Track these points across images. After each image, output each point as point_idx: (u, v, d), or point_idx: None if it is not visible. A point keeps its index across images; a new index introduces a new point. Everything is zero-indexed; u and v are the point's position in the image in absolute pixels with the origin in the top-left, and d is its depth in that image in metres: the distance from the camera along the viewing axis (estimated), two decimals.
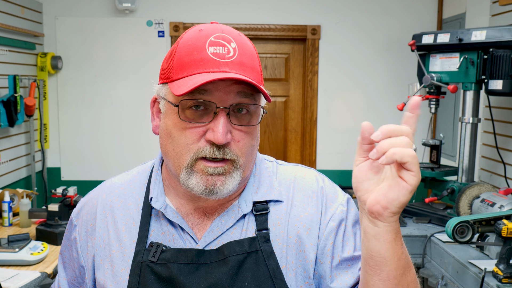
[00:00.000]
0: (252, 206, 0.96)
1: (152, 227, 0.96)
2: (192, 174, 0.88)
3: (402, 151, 0.70)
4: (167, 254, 0.91)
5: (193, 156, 0.87)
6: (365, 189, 0.76)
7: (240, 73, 0.86)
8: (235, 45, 0.88)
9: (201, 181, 0.87)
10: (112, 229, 0.98)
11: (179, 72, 0.88)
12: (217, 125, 0.85)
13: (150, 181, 1.00)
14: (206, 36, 0.88)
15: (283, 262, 0.93)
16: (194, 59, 0.86)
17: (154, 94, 0.98)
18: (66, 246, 1.05)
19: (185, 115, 0.87)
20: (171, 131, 0.89)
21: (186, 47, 0.88)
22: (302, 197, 0.98)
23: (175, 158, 0.89)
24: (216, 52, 0.86)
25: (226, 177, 0.88)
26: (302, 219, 0.96)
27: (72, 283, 1.04)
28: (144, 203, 0.98)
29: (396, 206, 0.73)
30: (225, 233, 0.94)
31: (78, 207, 1.06)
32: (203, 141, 0.87)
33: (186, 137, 0.87)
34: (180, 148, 0.88)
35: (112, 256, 0.96)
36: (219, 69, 0.85)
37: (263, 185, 0.99)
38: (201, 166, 0.87)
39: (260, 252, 0.92)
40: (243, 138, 0.89)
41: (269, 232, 0.94)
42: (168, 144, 0.91)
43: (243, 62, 0.88)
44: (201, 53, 0.86)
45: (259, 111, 0.91)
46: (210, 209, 0.96)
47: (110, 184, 1.05)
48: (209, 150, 0.86)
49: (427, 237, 2.65)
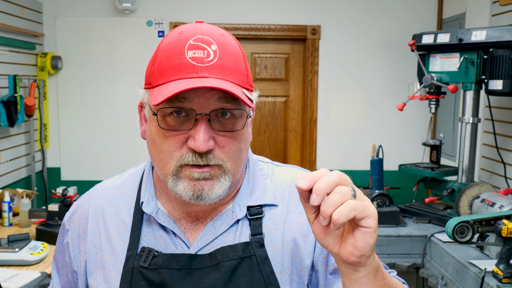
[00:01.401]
0: (246, 211, 0.94)
1: (144, 232, 0.94)
2: (179, 180, 0.86)
3: (345, 211, 0.67)
4: (158, 260, 0.89)
5: (176, 163, 0.85)
6: (331, 243, 0.73)
7: (221, 77, 0.83)
8: (216, 47, 0.84)
9: (188, 186, 0.85)
10: (104, 233, 0.96)
11: (159, 78, 0.85)
12: (197, 132, 0.83)
13: (141, 185, 0.98)
14: (186, 39, 0.84)
15: (278, 268, 0.91)
16: (172, 65, 0.84)
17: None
18: (59, 250, 1.04)
19: (166, 122, 0.85)
20: (154, 138, 0.87)
21: (165, 51, 0.85)
22: (298, 201, 0.95)
23: (161, 165, 0.88)
24: (195, 56, 0.83)
25: (213, 181, 0.86)
26: (298, 225, 0.94)
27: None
28: (136, 207, 0.96)
29: (370, 250, 0.72)
30: (218, 237, 0.92)
31: (71, 211, 1.04)
32: (186, 148, 0.85)
33: (169, 145, 0.85)
34: (164, 156, 0.86)
35: (104, 261, 0.94)
36: (198, 75, 0.82)
37: (257, 188, 0.97)
38: (187, 172, 0.85)
39: (254, 257, 0.90)
40: (229, 143, 0.86)
41: (264, 237, 0.92)
42: (154, 150, 0.89)
43: (224, 65, 0.84)
44: (180, 58, 0.83)
45: (245, 114, 0.88)
46: (203, 213, 0.94)
47: (102, 187, 1.03)
48: (191, 158, 0.84)
49: (427, 237, 2.65)
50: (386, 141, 3.86)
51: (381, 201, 2.98)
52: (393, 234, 2.71)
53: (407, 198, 3.68)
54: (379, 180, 3.11)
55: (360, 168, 3.91)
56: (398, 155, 3.89)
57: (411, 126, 3.96)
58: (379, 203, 2.96)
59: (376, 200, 2.97)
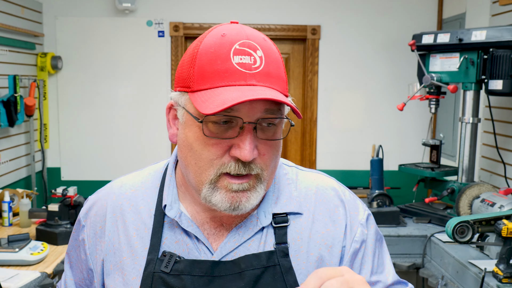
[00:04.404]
0: (271, 218, 0.91)
1: (165, 235, 0.91)
2: (216, 190, 0.83)
3: None
4: (180, 265, 0.87)
5: (216, 171, 0.82)
6: None
7: (268, 84, 0.81)
8: (261, 53, 0.82)
9: (225, 198, 0.83)
10: (123, 234, 0.94)
11: (201, 82, 0.81)
12: (244, 141, 0.80)
13: (164, 186, 0.95)
14: (231, 43, 0.81)
15: (302, 279, 0.89)
16: (217, 70, 0.80)
17: (171, 100, 0.91)
18: (73, 246, 1.02)
19: (208, 129, 0.81)
20: (192, 144, 0.84)
21: (208, 54, 0.81)
22: (324, 211, 0.94)
23: (196, 173, 0.84)
24: (242, 62, 0.80)
25: (250, 192, 0.84)
26: (324, 236, 0.93)
27: (80, 284, 1.01)
28: (157, 208, 0.93)
29: None
30: (242, 245, 0.90)
31: (86, 207, 1.01)
32: (227, 156, 0.82)
33: (210, 152, 0.82)
34: (202, 163, 0.83)
35: (123, 263, 0.92)
36: (246, 82, 0.80)
37: (282, 194, 0.94)
38: (225, 182, 0.83)
39: (278, 267, 0.88)
40: (268, 151, 0.84)
41: (288, 247, 0.90)
42: (189, 157, 0.85)
43: (269, 73, 0.82)
44: (226, 63, 0.80)
45: (283, 122, 0.86)
46: (227, 219, 0.92)
47: (120, 184, 1.00)
48: (234, 166, 0.82)
49: (427, 237, 2.65)
50: (386, 141, 3.86)
51: (381, 201, 2.97)
52: (393, 234, 2.71)
53: (407, 198, 3.68)
54: (379, 180, 3.11)
55: (360, 168, 3.91)
56: (398, 155, 3.88)
57: (411, 126, 3.96)
58: (379, 203, 2.96)
59: (376, 200, 2.97)
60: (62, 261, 2.37)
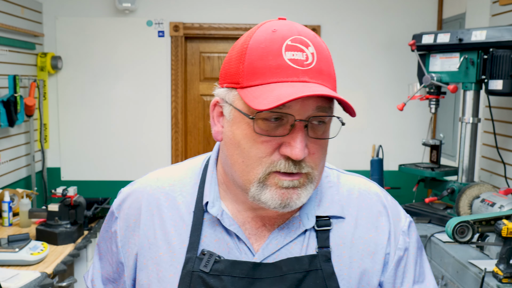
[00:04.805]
0: (315, 221, 0.89)
1: (205, 233, 0.89)
2: (265, 188, 0.81)
3: None
4: (221, 265, 0.85)
5: (265, 170, 0.80)
6: None
7: (320, 82, 0.80)
8: (313, 50, 0.81)
9: (276, 195, 0.81)
10: (160, 229, 0.91)
11: (251, 78, 0.79)
12: (295, 139, 0.78)
13: (204, 182, 0.93)
14: (282, 39, 0.80)
15: (344, 285, 0.87)
16: (269, 65, 0.78)
17: (216, 97, 0.88)
18: (104, 237, 0.99)
19: (258, 126, 0.79)
20: (240, 142, 0.82)
21: (258, 50, 0.80)
22: (367, 216, 0.93)
23: (244, 171, 0.82)
24: (294, 58, 0.79)
25: (301, 190, 0.82)
26: (367, 242, 0.91)
27: (106, 277, 0.99)
28: (196, 205, 0.91)
29: None
30: (285, 247, 0.87)
31: (120, 198, 0.98)
32: (277, 154, 0.80)
33: (259, 150, 0.80)
34: (251, 161, 0.81)
35: (159, 258, 0.90)
36: (298, 78, 0.78)
37: (325, 197, 0.92)
38: (275, 179, 0.81)
39: (320, 271, 0.86)
40: (318, 150, 0.83)
41: (331, 251, 0.88)
42: (236, 155, 0.83)
43: (321, 69, 0.81)
44: (278, 59, 0.78)
45: (331, 121, 0.85)
46: (269, 219, 0.89)
47: (156, 178, 0.97)
48: (284, 165, 0.80)
49: (427, 237, 2.65)
50: (386, 141, 3.86)
51: None
52: None
53: (407, 198, 3.68)
54: (379, 180, 3.11)
55: (360, 168, 3.91)
56: (398, 155, 3.88)
57: (411, 126, 3.96)
58: None
59: None
60: (62, 261, 2.37)
